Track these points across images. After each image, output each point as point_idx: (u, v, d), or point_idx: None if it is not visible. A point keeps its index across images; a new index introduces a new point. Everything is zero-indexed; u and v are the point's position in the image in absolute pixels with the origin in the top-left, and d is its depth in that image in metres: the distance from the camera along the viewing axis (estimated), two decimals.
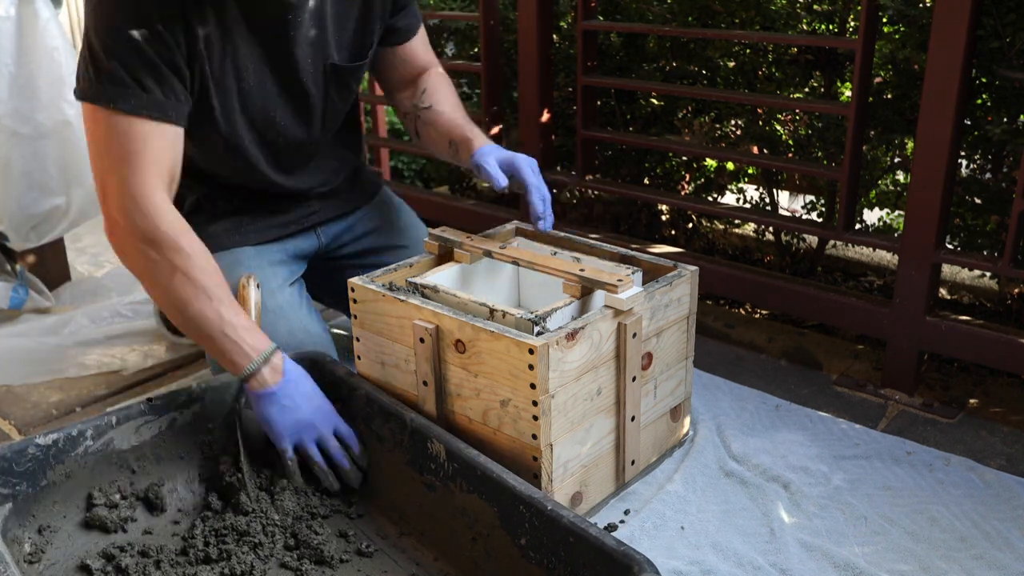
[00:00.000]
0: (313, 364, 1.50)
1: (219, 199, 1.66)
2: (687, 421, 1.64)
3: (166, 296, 1.37)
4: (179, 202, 1.65)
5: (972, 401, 1.81)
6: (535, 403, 1.28)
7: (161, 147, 1.37)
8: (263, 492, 1.40)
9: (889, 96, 1.99)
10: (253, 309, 1.47)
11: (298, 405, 1.39)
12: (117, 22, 1.30)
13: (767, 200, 2.43)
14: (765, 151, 2.28)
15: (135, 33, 1.30)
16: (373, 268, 1.57)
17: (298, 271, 1.73)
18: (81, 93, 1.36)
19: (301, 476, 1.42)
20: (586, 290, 1.42)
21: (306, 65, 1.52)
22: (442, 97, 1.69)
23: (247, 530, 1.32)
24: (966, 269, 2.29)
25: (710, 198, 2.50)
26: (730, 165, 2.49)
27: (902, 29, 1.95)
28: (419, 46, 1.73)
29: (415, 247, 1.81)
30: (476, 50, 2.73)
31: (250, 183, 1.64)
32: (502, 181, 1.48)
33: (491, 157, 1.52)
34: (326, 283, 1.82)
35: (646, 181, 2.56)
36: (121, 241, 1.38)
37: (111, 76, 1.32)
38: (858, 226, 2.18)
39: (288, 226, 1.71)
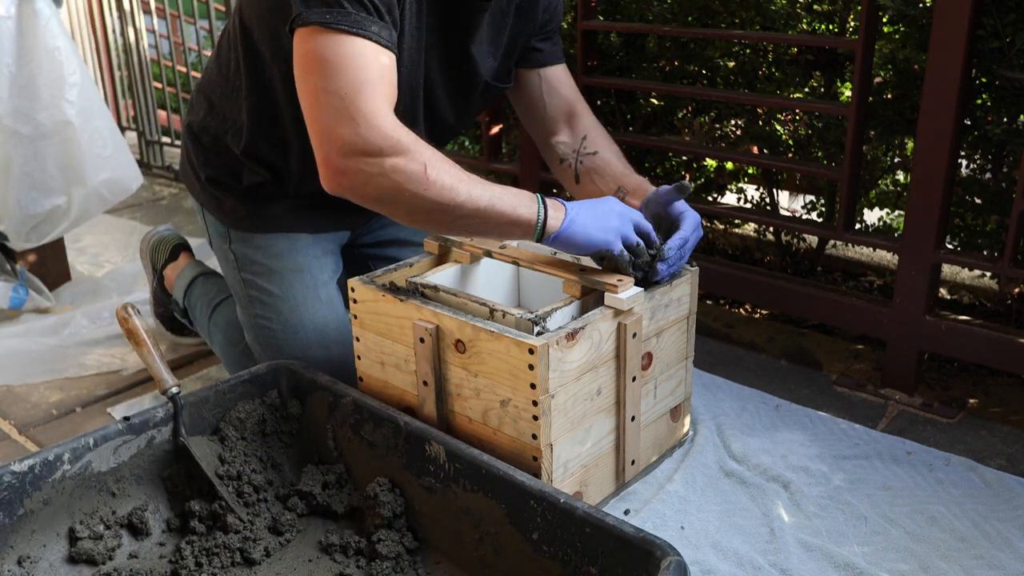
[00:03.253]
0: (291, 373, 1.48)
1: (285, 183, 1.65)
2: (687, 421, 1.64)
3: (422, 200, 1.28)
4: (238, 181, 1.66)
5: (972, 401, 1.81)
6: (535, 403, 1.28)
7: (392, 79, 1.33)
8: (250, 507, 1.37)
9: (889, 96, 1.99)
10: (147, 337, 1.41)
11: (599, 214, 1.37)
12: None
13: (767, 200, 2.43)
14: (765, 151, 2.28)
15: None
16: (388, 261, 1.58)
17: (339, 264, 1.75)
18: (309, 18, 1.28)
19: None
20: (586, 290, 1.42)
21: (472, 75, 1.53)
22: (606, 144, 1.68)
23: (241, 547, 1.30)
24: (966, 269, 2.29)
25: (710, 198, 2.50)
26: (730, 165, 2.49)
27: (902, 29, 1.95)
28: (565, 77, 1.70)
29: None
30: None
31: None
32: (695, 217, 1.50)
33: (677, 202, 1.51)
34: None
35: None
36: (362, 172, 1.27)
37: (354, 2, 1.28)
38: (858, 226, 2.18)
39: (343, 220, 1.72)
